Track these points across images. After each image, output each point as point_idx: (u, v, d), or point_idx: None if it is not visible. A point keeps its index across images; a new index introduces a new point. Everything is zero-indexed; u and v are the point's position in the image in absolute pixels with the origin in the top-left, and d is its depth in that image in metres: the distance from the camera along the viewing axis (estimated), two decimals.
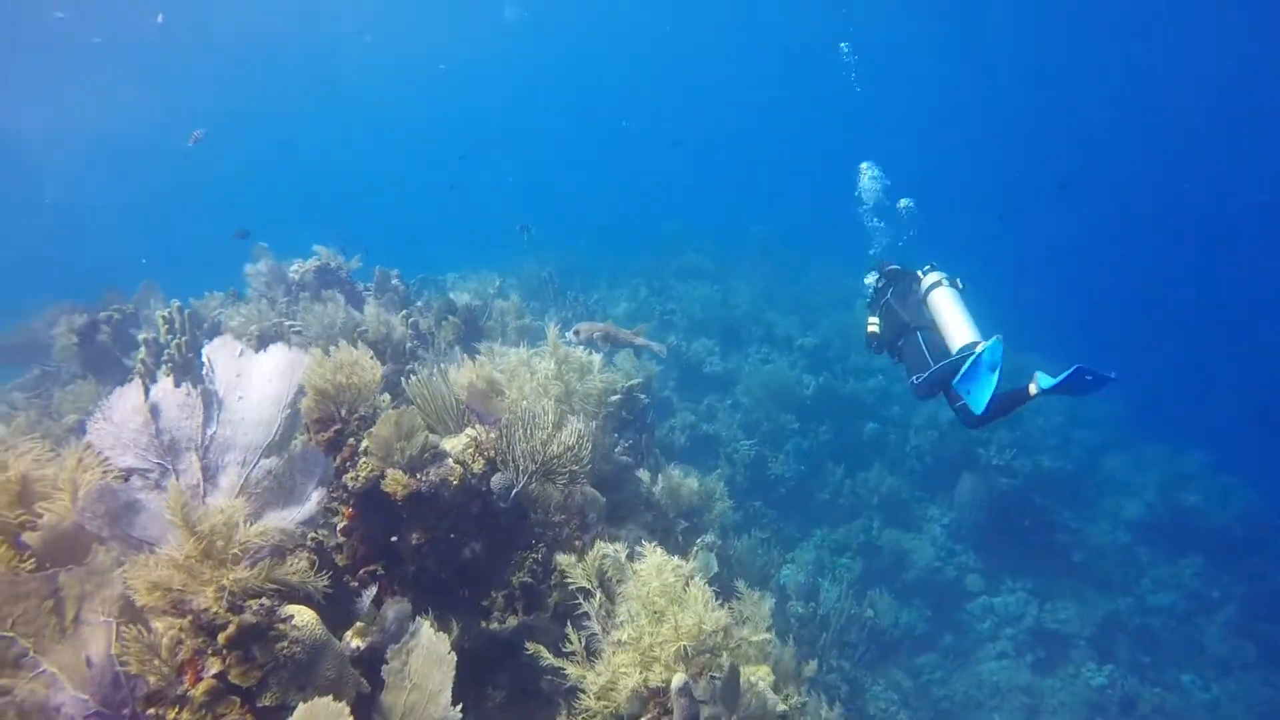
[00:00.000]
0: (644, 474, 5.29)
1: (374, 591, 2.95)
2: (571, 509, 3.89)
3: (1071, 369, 4.40)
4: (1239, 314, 28.85)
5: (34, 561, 2.31)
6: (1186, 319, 28.36)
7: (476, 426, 3.58)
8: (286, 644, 2.23)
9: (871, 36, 38.11)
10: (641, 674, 2.52)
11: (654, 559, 2.74)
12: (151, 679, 2.09)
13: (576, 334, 5.37)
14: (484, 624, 3.27)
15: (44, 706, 2.04)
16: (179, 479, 2.52)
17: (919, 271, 5.69)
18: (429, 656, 2.53)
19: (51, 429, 6.09)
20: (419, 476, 3.13)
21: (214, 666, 2.15)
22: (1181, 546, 11.05)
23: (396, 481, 3.05)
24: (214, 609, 2.16)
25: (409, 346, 6.35)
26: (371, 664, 2.58)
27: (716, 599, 2.75)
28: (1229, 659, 9.68)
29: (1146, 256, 32.34)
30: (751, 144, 49.15)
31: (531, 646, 2.92)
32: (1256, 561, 10.91)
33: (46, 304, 8.16)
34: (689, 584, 2.70)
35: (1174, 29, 31.21)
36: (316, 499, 2.65)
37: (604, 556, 3.05)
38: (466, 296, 9.05)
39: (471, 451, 3.42)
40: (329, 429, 3.34)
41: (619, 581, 2.99)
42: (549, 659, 2.84)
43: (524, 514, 3.58)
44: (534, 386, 4.10)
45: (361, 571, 3.12)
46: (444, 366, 3.99)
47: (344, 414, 3.38)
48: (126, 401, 2.58)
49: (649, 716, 2.56)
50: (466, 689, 2.64)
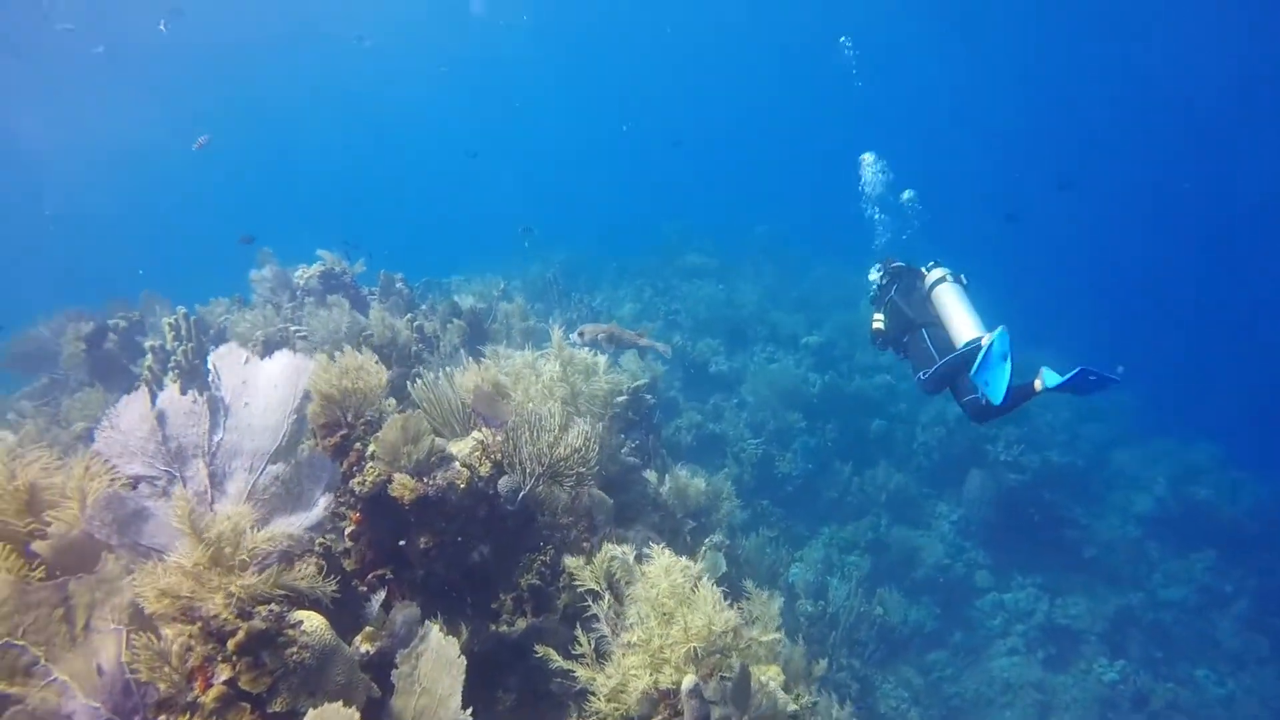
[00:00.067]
0: (651, 475, 5.28)
1: (383, 596, 2.95)
2: (579, 511, 3.89)
3: (1076, 370, 4.41)
4: (1247, 308, 28.68)
5: (44, 570, 2.31)
6: (1195, 313, 28.22)
7: (483, 430, 3.58)
8: (296, 650, 2.23)
9: (872, 36, 38.03)
10: (652, 676, 2.51)
11: (662, 560, 2.73)
12: (162, 686, 2.09)
13: (581, 335, 5.36)
14: (493, 627, 3.26)
15: (56, 714, 2.04)
16: (186, 486, 2.52)
17: (923, 268, 5.68)
18: (438, 660, 2.53)
19: (60, 437, 6.12)
20: (426, 480, 3.12)
21: (224, 673, 2.15)
22: (1192, 541, 10.99)
23: (403, 486, 3.05)
24: (223, 615, 2.16)
25: (414, 350, 6.36)
26: (381, 668, 2.58)
27: (725, 599, 2.74)
28: (1243, 653, 9.62)
29: (1155, 251, 32.20)
30: (754, 143, 49.12)
31: (541, 649, 2.92)
32: (1268, 556, 10.84)
33: (53, 312, 8.19)
34: (698, 585, 2.69)
35: (1177, 26, 31.07)
36: (324, 504, 2.65)
37: (612, 558, 3.04)
38: (471, 299, 9.06)
39: (478, 455, 3.42)
40: (335, 434, 3.34)
41: (627, 583, 2.98)
42: (558, 662, 2.83)
43: (531, 516, 3.57)
44: (539, 389, 4.09)
45: (370, 576, 3.13)
46: (449, 370, 3.99)
47: (350, 419, 3.38)
48: (133, 409, 2.58)
49: (660, 718, 2.55)
50: (476, 692, 2.63)
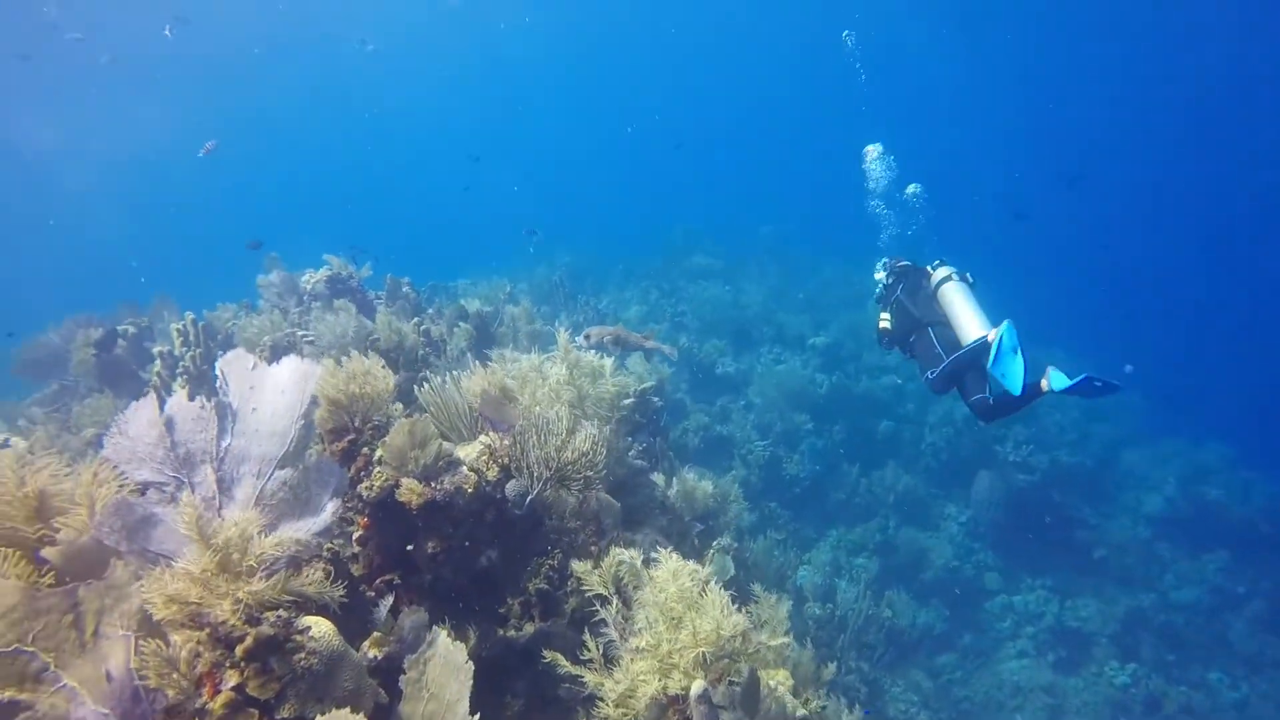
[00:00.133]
0: (659, 477, 5.26)
1: (390, 601, 2.95)
2: (587, 515, 3.87)
3: (1080, 377, 4.47)
4: (1257, 307, 28.48)
5: (53, 576, 2.32)
6: (1204, 312, 28.05)
7: (490, 434, 3.58)
8: (304, 655, 2.22)
9: (877, 33, 37.98)
10: (660, 681, 2.50)
11: (670, 564, 2.72)
12: (170, 692, 2.09)
13: (587, 338, 5.36)
14: (501, 631, 3.25)
15: None
16: (194, 492, 2.53)
17: (929, 267, 5.66)
18: (446, 666, 2.52)
19: (70, 443, 6.15)
20: (433, 485, 3.12)
21: (232, 679, 2.14)
22: (1204, 541, 10.91)
23: (411, 490, 3.04)
24: (231, 621, 2.16)
25: (421, 354, 6.36)
26: (389, 674, 2.57)
27: (734, 602, 2.72)
28: (1257, 656, 9.53)
29: (1164, 250, 32.02)
30: (759, 143, 49.12)
31: (549, 654, 2.91)
32: None
33: (63, 319, 8.24)
34: (706, 589, 2.67)
35: (1182, 23, 30.93)
36: (331, 509, 2.66)
37: (620, 563, 3.03)
38: (478, 303, 9.06)
39: (486, 459, 3.41)
40: (343, 439, 3.34)
41: (635, 588, 2.97)
42: (566, 667, 2.82)
43: (539, 521, 3.57)
44: (546, 392, 4.08)
45: (378, 581, 3.12)
46: (456, 374, 3.98)
47: (357, 424, 3.38)
48: (141, 415, 2.59)
49: None
50: (484, 697, 2.62)
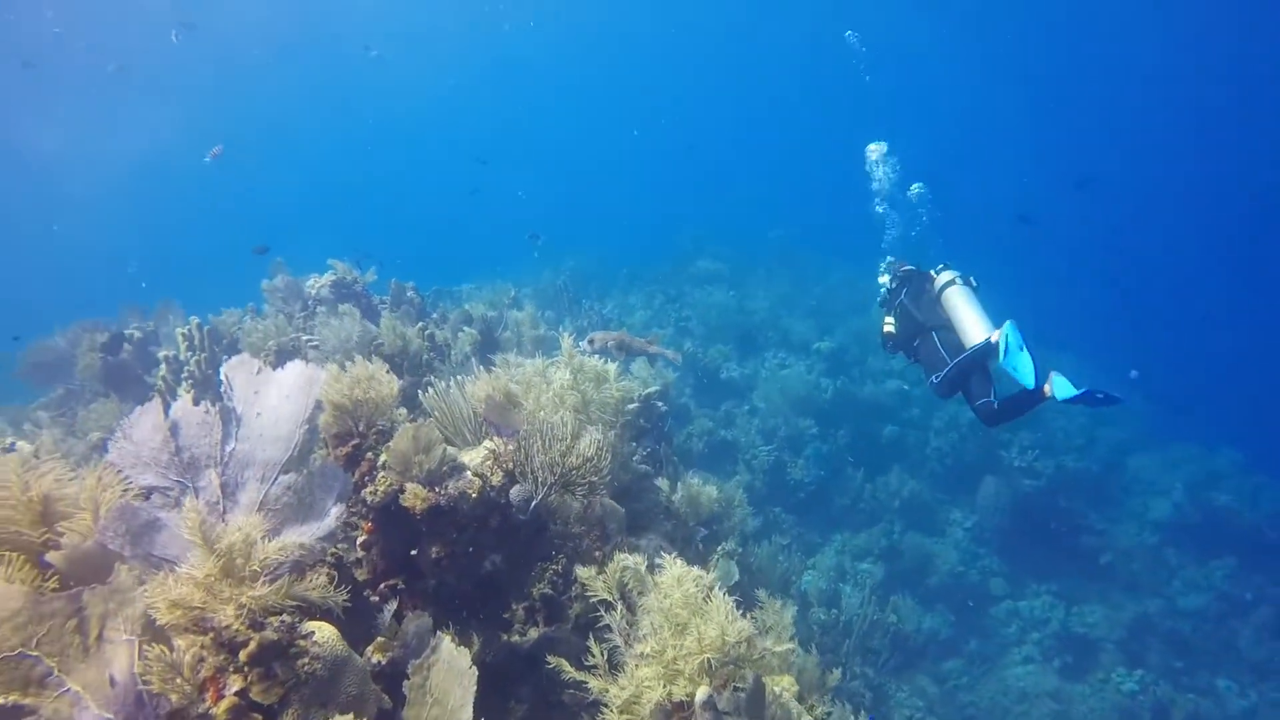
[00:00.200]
0: (663, 482, 5.25)
1: (394, 606, 2.95)
2: (591, 520, 3.87)
3: (1082, 390, 4.52)
4: (1268, 311, 28.30)
5: (57, 581, 2.32)
6: (1213, 316, 27.89)
7: (494, 439, 3.57)
8: (307, 660, 2.22)
9: (885, 39, 37.99)
10: (665, 688, 2.48)
11: (675, 570, 2.71)
12: (174, 697, 2.09)
13: (591, 343, 5.36)
14: (505, 637, 3.25)
15: None
16: (199, 496, 2.52)
17: (932, 271, 5.66)
18: (450, 671, 2.51)
19: (75, 447, 6.17)
20: (438, 490, 3.12)
21: (236, 684, 2.14)
22: (1212, 548, 10.82)
23: (415, 495, 3.04)
24: (235, 626, 2.15)
25: (426, 359, 6.37)
26: (393, 679, 2.57)
27: (738, 608, 2.71)
28: (1265, 663, 9.45)
29: (1172, 254, 31.88)
30: (767, 148, 49.22)
31: (553, 660, 2.90)
32: None
33: (69, 323, 8.28)
34: (710, 595, 2.66)
35: (1187, 25, 30.86)
36: (335, 514, 2.65)
37: (625, 568, 3.02)
38: (482, 307, 9.08)
39: (490, 464, 3.41)
40: (347, 444, 3.34)
41: (640, 593, 2.96)
42: (571, 673, 2.81)
43: (543, 526, 3.56)
44: (550, 397, 4.07)
45: (382, 586, 3.12)
46: (461, 379, 3.98)
47: (362, 428, 3.38)
48: (146, 420, 2.59)
49: None
50: (488, 702, 2.61)
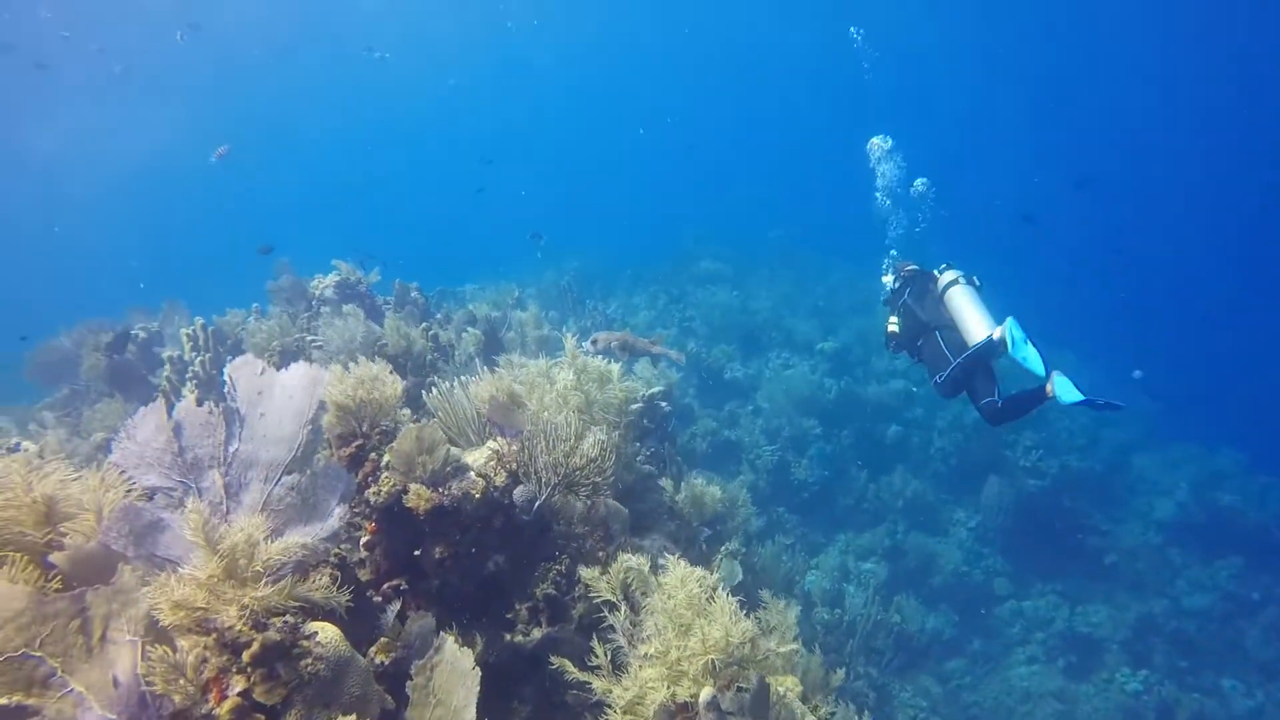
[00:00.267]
0: (667, 483, 5.24)
1: (398, 607, 2.94)
2: (595, 520, 3.87)
3: (1083, 398, 4.55)
4: (1272, 310, 28.19)
5: (61, 581, 2.32)
6: (1218, 315, 27.79)
7: (498, 439, 3.57)
8: (310, 661, 2.22)
9: (889, 40, 37.91)
10: (669, 688, 2.48)
11: (678, 571, 2.70)
12: (177, 698, 2.09)
13: (594, 343, 5.34)
14: (508, 637, 3.24)
15: None
16: (202, 497, 2.52)
17: (935, 270, 5.65)
18: (453, 672, 2.51)
19: (80, 447, 6.18)
20: (441, 490, 3.11)
21: (239, 685, 2.14)
22: (1217, 547, 10.79)
23: (419, 496, 3.04)
24: (238, 627, 2.15)
25: (429, 359, 6.37)
26: (396, 680, 2.57)
27: (742, 608, 2.70)
28: (1272, 663, 9.41)
29: (1176, 254, 31.76)
30: (769, 148, 49.14)
31: (556, 660, 2.89)
32: None
33: (73, 323, 8.30)
34: (714, 595, 2.66)
35: (1191, 26, 30.75)
36: (339, 515, 2.65)
37: (628, 569, 3.02)
38: (486, 308, 9.09)
39: (493, 464, 3.41)
40: (351, 444, 3.34)
41: (644, 594, 2.95)
42: (574, 673, 2.80)
43: (547, 526, 3.56)
44: (554, 397, 4.07)
45: (385, 586, 3.12)
46: (464, 379, 3.98)
47: (365, 429, 3.38)
48: (150, 421, 2.59)
49: None
50: (491, 703, 2.61)
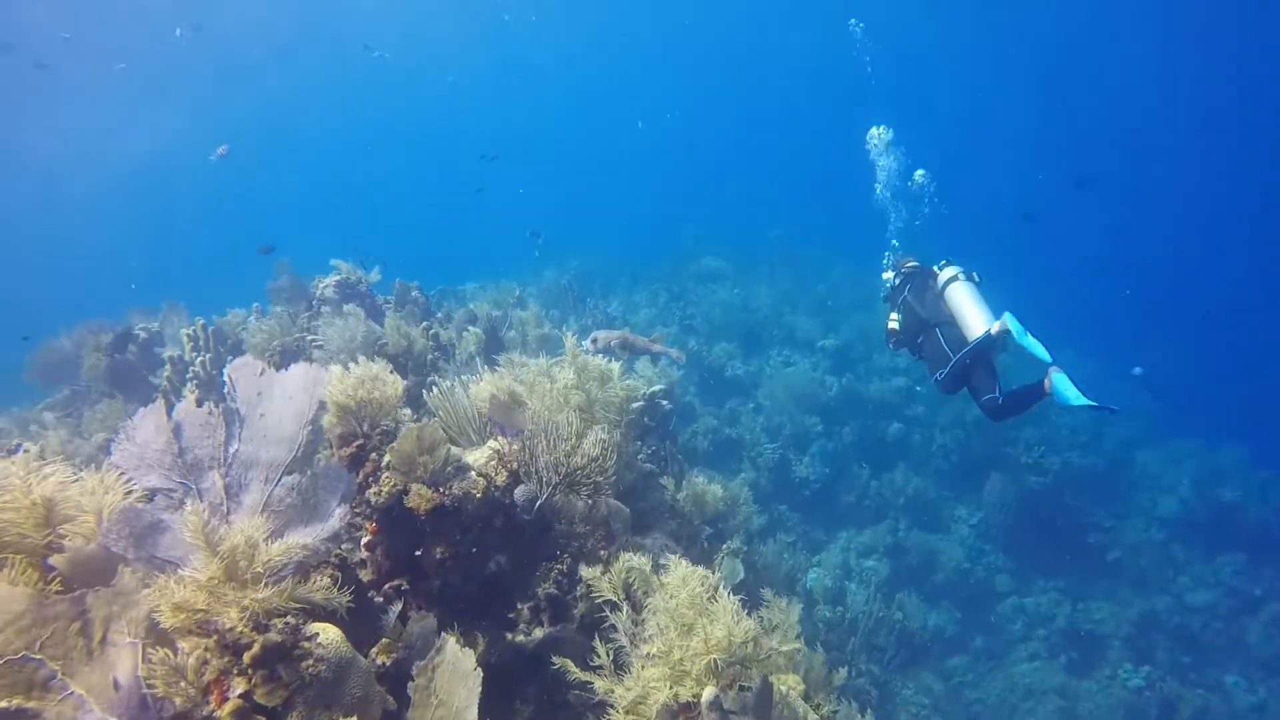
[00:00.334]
0: (668, 481, 5.24)
1: (399, 607, 2.94)
2: (596, 519, 3.86)
3: (1080, 404, 4.59)
4: (1273, 306, 28.15)
5: (61, 583, 2.31)
6: (1218, 312, 27.76)
7: (499, 438, 3.56)
8: (312, 662, 2.21)
9: (890, 37, 37.81)
10: (672, 688, 2.47)
11: (680, 570, 2.69)
12: (178, 700, 2.08)
13: (594, 342, 5.33)
14: (510, 637, 3.24)
15: None
16: (202, 498, 2.52)
17: (935, 267, 5.64)
18: (454, 672, 2.50)
19: (81, 448, 6.18)
20: (442, 490, 3.11)
21: (240, 686, 2.13)
22: (1220, 543, 10.78)
23: (420, 496, 3.03)
24: (239, 628, 2.14)
25: (430, 359, 6.36)
26: (397, 680, 2.56)
27: (744, 607, 2.69)
28: (1275, 659, 9.40)
29: (1176, 251, 31.70)
30: (769, 145, 49.06)
31: (558, 660, 2.88)
32: None
33: (73, 324, 8.29)
34: (716, 595, 2.65)
35: (1194, 25, 30.69)
36: (340, 515, 2.64)
37: (630, 568, 3.01)
38: (487, 307, 9.08)
39: (494, 464, 3.40)
40: (351, 444, 3.33)
41: (645, 593, 2.94)
42: (576, 673, 2.79)
43: (548, 526, 3.55)
44: (555, 397, 4.06)
45: (386, 587, 3.11)
46: (465, 378, 3.98)
47: (366, 429, 3.37)
48: (149, 422, 2.58)
49: None
50: (493, 703, 2.61)
